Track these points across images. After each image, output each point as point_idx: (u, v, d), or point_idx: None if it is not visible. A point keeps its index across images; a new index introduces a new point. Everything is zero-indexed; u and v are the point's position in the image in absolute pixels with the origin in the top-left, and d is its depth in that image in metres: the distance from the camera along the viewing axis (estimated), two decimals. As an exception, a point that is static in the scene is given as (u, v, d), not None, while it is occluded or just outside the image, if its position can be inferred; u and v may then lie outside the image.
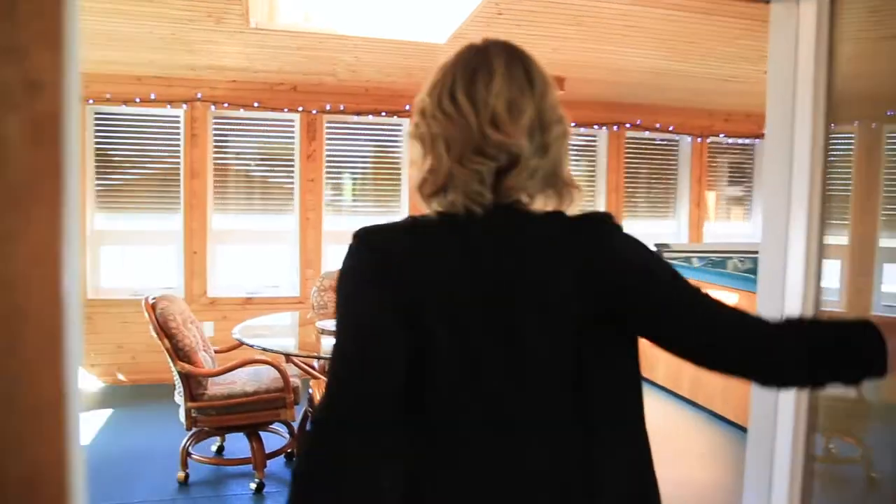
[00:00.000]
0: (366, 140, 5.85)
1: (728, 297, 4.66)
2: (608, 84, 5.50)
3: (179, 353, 3.35)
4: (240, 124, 5.59)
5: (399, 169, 5.93)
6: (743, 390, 2.56)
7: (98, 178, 5.37)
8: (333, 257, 5.81)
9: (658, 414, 4.95)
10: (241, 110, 5.49)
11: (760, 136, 6.76)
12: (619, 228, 1.01)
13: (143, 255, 5.72)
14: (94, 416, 4.64)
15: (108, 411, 4.75)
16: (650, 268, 0.98)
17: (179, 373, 3.34)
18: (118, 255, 5.60)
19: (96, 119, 5.34)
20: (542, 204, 1.02)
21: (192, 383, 3.36)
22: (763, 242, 1.48)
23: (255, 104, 5.49)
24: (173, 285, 5.57)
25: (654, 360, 5.08)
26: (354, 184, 6.01)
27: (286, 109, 5.55)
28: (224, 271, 5.74)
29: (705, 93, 5.74)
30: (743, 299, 4.51)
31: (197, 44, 4.34)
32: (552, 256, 0.97)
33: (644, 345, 1.04)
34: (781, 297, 1.41)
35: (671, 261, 4.72)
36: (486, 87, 0.98)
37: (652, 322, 0.98)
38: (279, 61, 4.86)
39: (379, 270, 0.96)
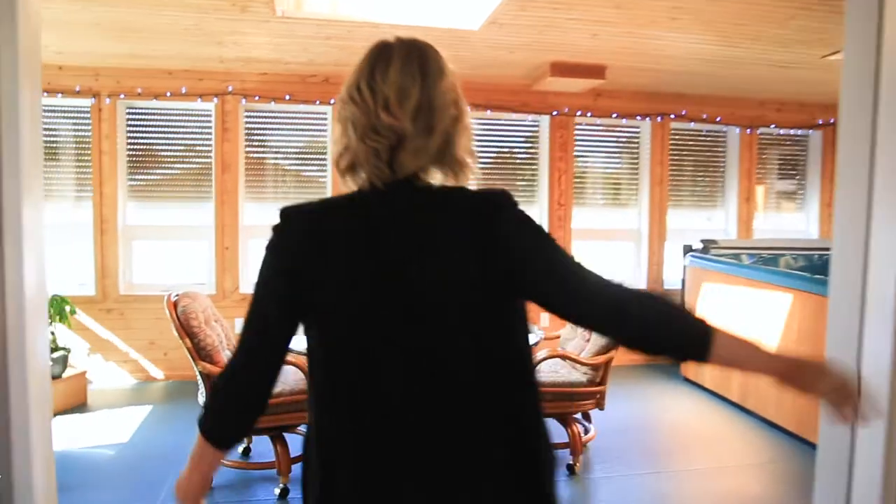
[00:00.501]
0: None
1: (782, 298, 4.38)
2: (651, 73, 5.24)
3: (201, 352, 3.24)
4: (272, 117, 5.50)
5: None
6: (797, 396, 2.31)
7: (130, 174, 5.34)
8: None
9: (705, 419, 4.70)
10: (273, 103, 5.39)
11: (815, 126, 6.41)
12: (514, 205, 1.14)
13: (175, 251, 5.67)
14: (136, 411, 4.62)
15: (148, 408, 4.72)
16: (538, 242, 1.12)
17: (201, 373, 3.24)
18: (151, 251, 5.55)
19: (128, 114, 5.30)
20: (440, 179, 1.17)
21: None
22: (837, 242, 1.27)
23: (287, 97, 5.38)
24: (204, 281, 5.51)
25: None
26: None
27: (318, 102, 5.43)
28: (256, 266, 5.65)
29: (756, 80, 5.43)
30: (800, 301, 4.22)
31: (223, 34, 4.23)
32: (448, 231, 1.12)
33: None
34: (860, 302, 1.19)
35: (720, 258, 4.45)
36: (383, 77, 1.15)
37: (538, 288, 1.11)
38: (309, 52, 4.74)
39: (282, 251, 1.18)
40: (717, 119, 6.15)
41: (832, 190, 6.64)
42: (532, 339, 1.51)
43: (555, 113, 5.83)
